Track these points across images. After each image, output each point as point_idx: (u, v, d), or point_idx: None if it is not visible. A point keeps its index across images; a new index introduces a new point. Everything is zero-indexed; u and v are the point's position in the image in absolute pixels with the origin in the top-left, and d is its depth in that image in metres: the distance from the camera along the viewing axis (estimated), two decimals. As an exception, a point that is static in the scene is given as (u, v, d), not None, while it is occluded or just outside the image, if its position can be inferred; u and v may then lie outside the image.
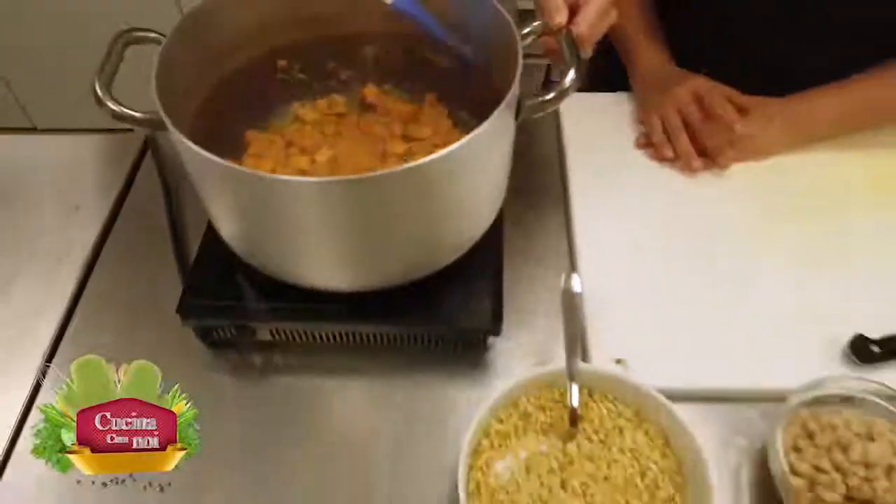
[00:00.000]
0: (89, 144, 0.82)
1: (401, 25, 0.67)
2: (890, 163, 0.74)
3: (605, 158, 0.75)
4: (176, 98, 0.53)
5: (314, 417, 0.59)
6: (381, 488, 0.54)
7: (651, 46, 0.80)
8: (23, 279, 0.68)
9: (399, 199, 0.49)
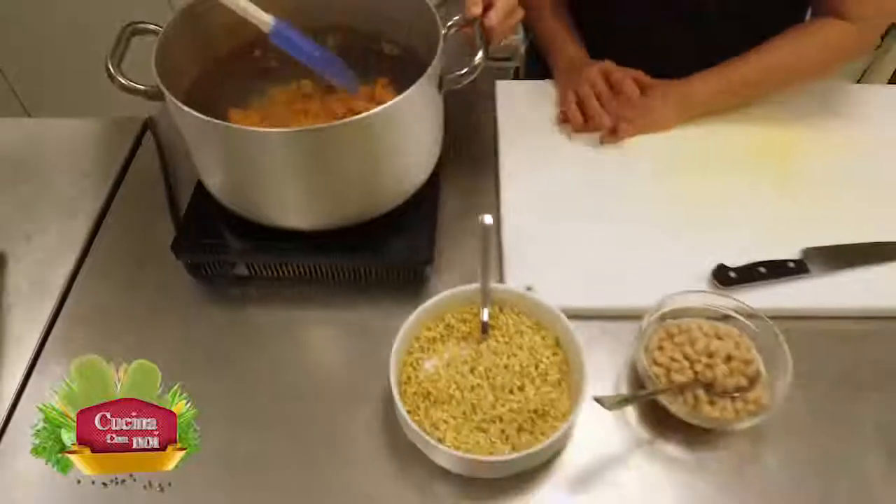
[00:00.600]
0: (94, 126, 0.97)
1: (358, 21, 0.83)
2: (761, 131, 0.89)
3: (531, 132, 0.90)
4: (171, 78, 0.67)
5: (282, 334, 0.73)
6: (339, 381, 0.69)
7: (568, 45, 0.95)
8: (40, 235, 0.82)
9: (343, 149, 0.64)
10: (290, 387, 0.69)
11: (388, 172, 0.70)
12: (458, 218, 0.82)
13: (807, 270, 0.73)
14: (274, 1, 0.79)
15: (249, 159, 0.64)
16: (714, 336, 0.66)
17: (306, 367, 0.71)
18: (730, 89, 0.88)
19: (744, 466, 0.63)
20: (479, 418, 0.61)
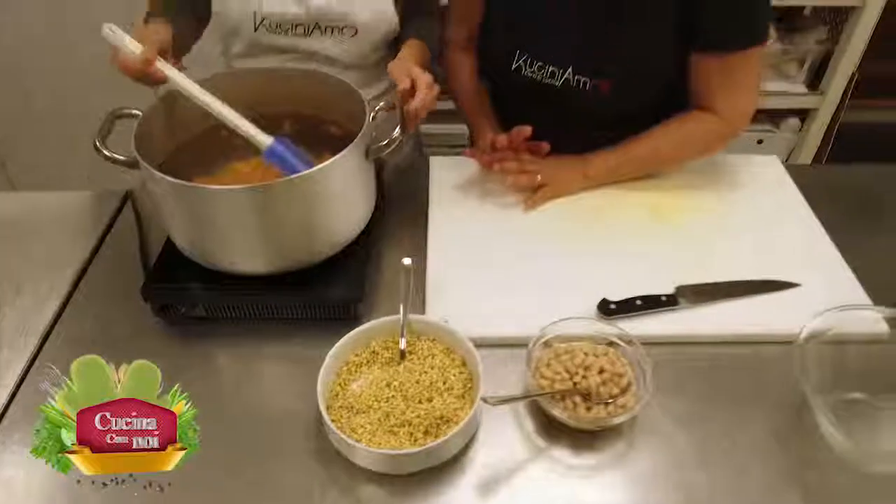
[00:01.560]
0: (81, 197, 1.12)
1: (308, 109, 1.00)
2: (646, 193, 1.07)
3: (456, 195, 1.07)
4: (147, 152, 0.83)
5: (235, 363, 0.85)
6: (281, 401, 0.80)
7: (488, 127, 1.13)
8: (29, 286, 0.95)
9: (283, 205, 0.79)
10: (241, 407, 0.80)
11: (324, 224, 0.85)
12: (392, 262, 0.96)
13: (676, 303, 0.87)
14: (238, 94, 0.97)
15: (206, 214, 0.79)
16: (592, 354, 0.79)
17: (254, 391, 0.83)
18: (623, 167, 1.07)
19: (618, 464, 0.74)
20: (391, 423, 0.73)
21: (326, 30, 1.08)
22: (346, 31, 1.08)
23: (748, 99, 1.02)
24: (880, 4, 2.00)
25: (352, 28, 1.08)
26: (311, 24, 1.07)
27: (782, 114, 2.31)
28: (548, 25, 1.02)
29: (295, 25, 1.07)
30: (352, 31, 1.08)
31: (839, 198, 1.09)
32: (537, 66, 1.04)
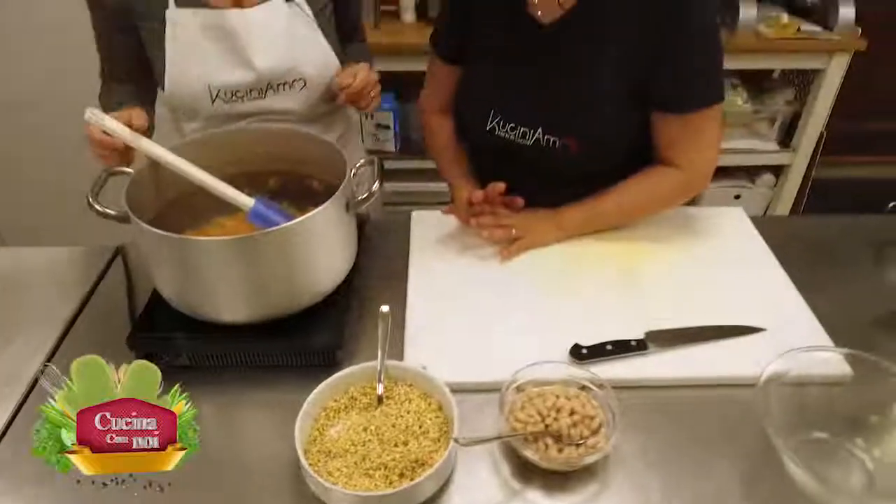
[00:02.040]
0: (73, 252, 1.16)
1: (292, 166, 1.05)
2: (617, 244, 1.11)
3: (435, 247, 1.11)
4: (137, 209, 0.87)
5: (219, 410, 0.87)
6: (261, 446, 0.82)
7: (464, 184, 1.18)
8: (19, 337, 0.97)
9: (265, 255, 0.82)
10: (222, 452, 0.81)
11: (306, 275, 0.88)
12: (372, 310, 0.98)
13: (646, 348, 0.90)
14: (223, 154, 1.03)
15: (192, 264, 0.82)
16: (564, 397, 0.81)
17: (236, 436, 0.84)
18: (594, 220, 1.12)
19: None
20: (367, 466, 0.75)
21: (278, 87, 1.13)
22: (296, 85, 1.13)
23: (708, 154, 1.08)
24: (843, 67, 2.11)
25: (301, 81, 1.13)
26: (263, 86, 1.12)
27: (757, 170, 2.40)
28: (518, 90, 1.09)
29: (249, 90, 1.12)
30: (301, 84, 1.14)
31: (801, 247, 1.14)
32: (510, 126, 1.10)
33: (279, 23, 1.08)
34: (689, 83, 1.02)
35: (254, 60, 1.08)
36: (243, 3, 1.07)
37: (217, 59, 1.07)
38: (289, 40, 1.09)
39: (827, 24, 2.07)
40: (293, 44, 1.10)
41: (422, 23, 2.14)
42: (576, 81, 1.04)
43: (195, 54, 1.06)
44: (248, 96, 1.11)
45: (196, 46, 1.06)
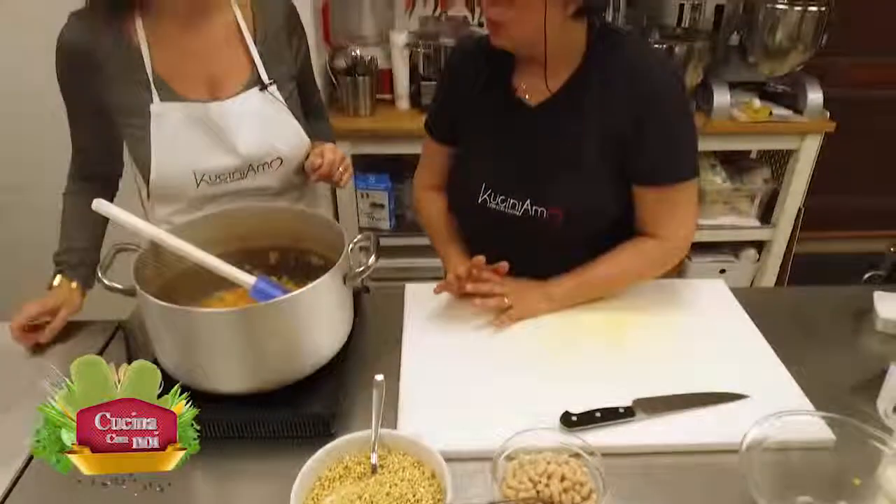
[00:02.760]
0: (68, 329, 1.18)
1: (291, 242, 1.10)
2: (605, 314, 1.15)
3: (429, 318, 1.15)
4: (143, 283, 0.91)
5: (216, 480, 0.88)
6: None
7: (455, 254, 1.24)
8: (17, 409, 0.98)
9: (263, 327, 0.86)
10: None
11: (303, 346, 0.92)
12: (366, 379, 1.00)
13: (634, 415, 0.93)
14: (227, 231, 1.08)
15: (194, 336, 0.86)
16: (555, 464, 0.83)
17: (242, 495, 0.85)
18: (582, 290, 1.17)
19: (583, 572, 0.76)
20: (361, 534, 0.76)
21: (258, 167, 1.19)
22: (273, 164, 1.20)
23: (685, 226, 1.15)
24: (815, 147, 2.23)
25: (278, 160, 1.20)
26: (244, 168, 1.18)
27: (741, 245, 2.48)
28: (508, 165, 1.16)
29: (232, 173, 1.18)
30: (278, 163, 1.20)
31: (781, 316, 1.18)
32: (500, 199, 1.16)
33: (256, 111, 1.16)
34: (665, 160, 1.09)
35: (237, 146, 1.15)
36: (219, 95, 1.15)
37: (202, 147, 1.14)
38: (266, 125, 1.17)
39: (797, 108, 2.20)
40: (270, 128, 1.17)
41: (415, 110, 2.26)
42: (561, 156, 1.12)
43: (180, 143, 1.13)
44: (231, 178, 1.17)
45: (180, 136, 1.13)
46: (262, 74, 1.17)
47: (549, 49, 1.04)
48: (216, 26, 1.16)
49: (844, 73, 2.48)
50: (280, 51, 1.21)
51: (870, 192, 2.82)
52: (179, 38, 1.13)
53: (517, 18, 1.01)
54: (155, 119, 1.11)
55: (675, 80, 1.10)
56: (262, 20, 1.19)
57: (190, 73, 1.14)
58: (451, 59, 1.28)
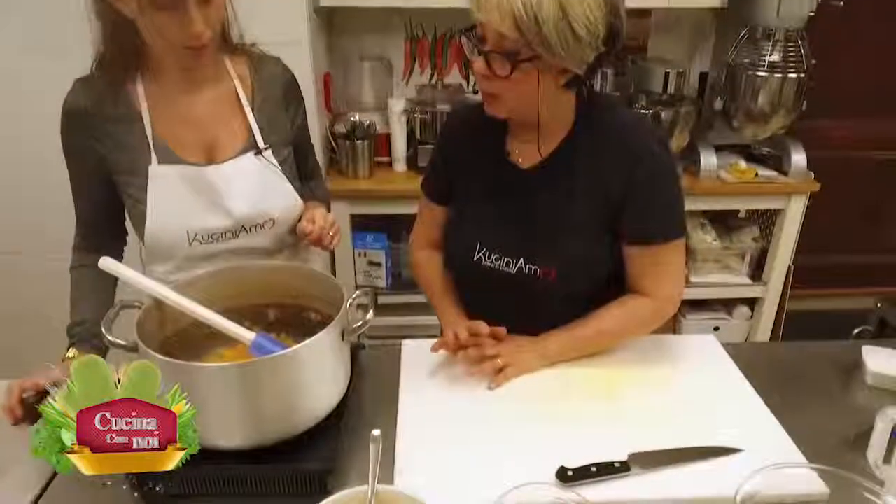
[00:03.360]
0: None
1: (290, 299, 1.12)
2: (599, 370, 1.17)
3: (425, 374, 1.16)
4: (145, 339, 0.93)
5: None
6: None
7: (452, 313, 1.26)
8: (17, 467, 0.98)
9: (261, 381, 0.87)
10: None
11: (302, 402, 0.93)
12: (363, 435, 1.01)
13: (629, 469, 0.94)
14: (227, 289, 1.10)
15: (194, 389, 0.86)
16: (551, 519, 0.83)
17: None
18: (576, 346, 1.19)
19: None
20: (358, 590, 0.75)
21: (251, 228, 1.23)
22: (266, 225, 1.23)
23: (674, 284, 1.18)
24: (801, 207, 2.29)
25: (270, 221, 1.23)
26: (237, 229, 1.21)
27: (733, 303, 2.51)
28: (502, 225, 1.20)
29: (224, 233, 1.21)
30: (270, 224, 1.24)
31: (772, 371, 1.20)
32: (494, 257, 1.20)
33: (251, 174, 1.20)
34: (653, 220, 1.14)
35: (230, 208, 1.18)
36: (216, 159, 1.19)
37: (196, 208, 1.18)
38: (260, 188, 1.21)
39: (782, 169, 2.28)
40: (264, 191, 1.21)
41: (412, 172, 2.32)
42: (553, 217, 1.16)
43: (175, 204, 1.17)
44: (223, 238, 1.20)
45: (176, 197, 1.17)
46: (258, 140, 1.22)
47: (541, 116, 1.10)
48: (215, 93, 1.21)
49: (825, 135, 2.57)
50: (277, 117, 1.26)
51: (856, 249, 2.88)
52: (179, 103, 1.18)
53: (511, 90, 1.06)
54: (152, 180, 1.15)
55: (659, 144, 1.15)
56: (259, 89, 1.25)
57: (188, 137, 1.19)
58: (447, 124, 1.35)
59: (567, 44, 0.98)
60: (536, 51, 0.99)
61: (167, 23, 1.03)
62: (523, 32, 0.97)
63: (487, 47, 1.03)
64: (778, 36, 2.08)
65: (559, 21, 0.95)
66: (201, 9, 1.03)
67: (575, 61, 1.01)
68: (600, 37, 1.00)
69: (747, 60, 2.15)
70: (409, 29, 2.33)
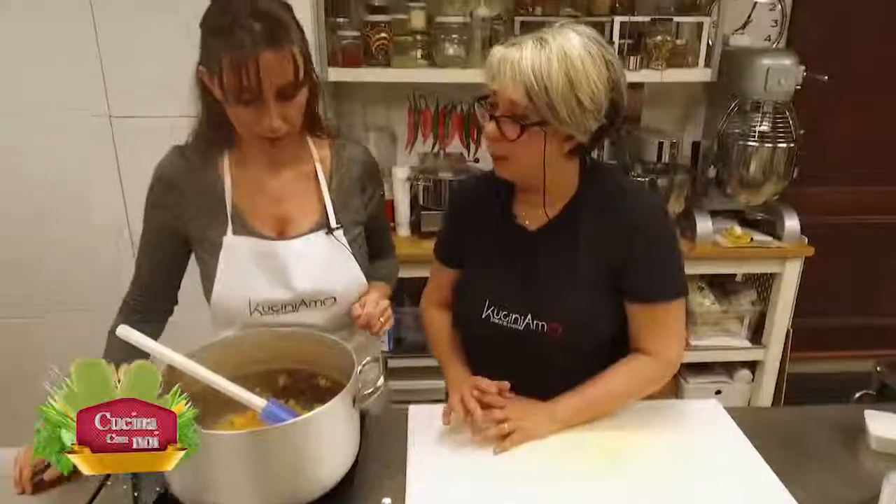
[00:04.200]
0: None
1: (300, 365, 1.15)
2: (605, 434, 1.18)
3: (433, 439, 1.17)
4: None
5: None
6: None
7: (458, 368, 1.29)
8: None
9: (276, 450, 0.89)
10: None
11: (312, 469, 0.94)
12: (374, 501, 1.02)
13: (638, 537, 0.94)
14: (238, 355, 1.13)
15: (206, 457, 0.88)
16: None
17: None
18: (585, 408, 1.21)
19: None
20: None
21: (311, 304, 1.24)
22: (327, 302, 1.25)
23: (676, 342, 1.22)
24: (797, 270, 2.33)
25: (331, 299, 1.25)
26: (297, 303, 1.23)
27: (734, 366, 2.52)
28: (509, 283, 1.24)
29: (284, 306, 1.23)
30: (332, 301, 1.25)
31: (776, 436, 1.21)
32: (503, 314, 1.23)
33: (319, 252, 1.24)
34: (654, 279, 1.18)
35: (294, 283, 1.21)
36: (287, 233, 1.24)
37: (261, 279, 1.21)
38: (325, 266, 1.24)
39: (776, 234, 2.33)
40: (329, 269, 1.24)
41: (415, 237, 2.37)
42: (560, 275, 1.20)
43: (242, 273, 1.20)
44: (283, 310, 1.22)
45: (243, 267, 1.20)
46: (331, 219, 1.25)
47: (547, 180, 1.16)
48: (295, 171, 1.26)
49: (817, 201, 2.64)
50: (352, 198, 1.30)
51: (853, 311, 2.91)
52: (260, 178, 1.24)
53: (519, 152, 1.13)
54: (225, 249, 1.20)
55: (657, 207, 1.21)
56: (338, 169, 1.29)
57: (264, 211, 1.23)
58: (456, 193, 1.42)
59: (573, 112, 1.06)
60: (544, 117, 1.07)
61: (246, 115, 1.09)
62: (533, 99, 1.05)
63: (499, 112, 1.11)
64: (766, 108, 2.18)
65: (567, 92, 1.04)
66: (280, 106, 1.09)
67: (580, 129, 1.09)
68: (603, 109, 1.09)
69: (738, 130, 2.23)
70: (413, 101, 2.43)
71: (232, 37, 1.02)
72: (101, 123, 2.06)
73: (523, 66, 1.04)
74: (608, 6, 2.22)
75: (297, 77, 1.08)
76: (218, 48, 1.04)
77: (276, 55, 1.04)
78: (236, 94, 1.05)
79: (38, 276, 2.20)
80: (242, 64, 1.02)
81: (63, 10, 1.95)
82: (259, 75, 1.03)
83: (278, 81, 1.06)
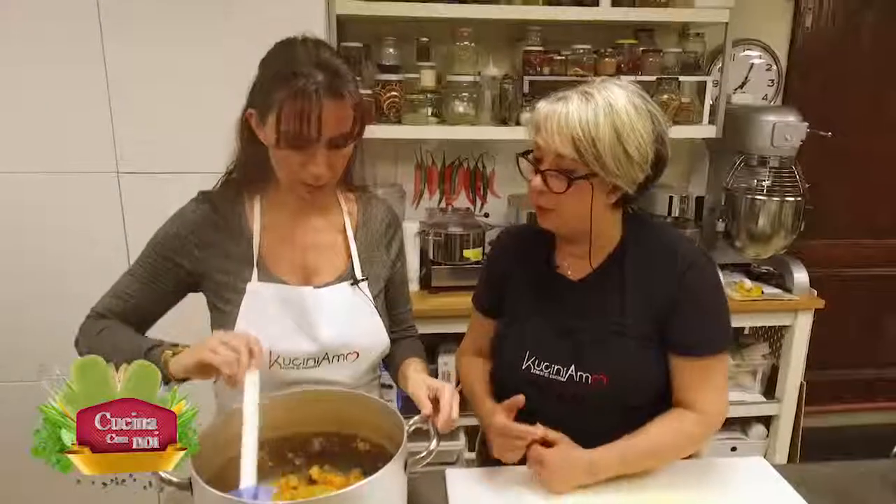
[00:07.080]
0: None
1: (339, 427, 1.09)
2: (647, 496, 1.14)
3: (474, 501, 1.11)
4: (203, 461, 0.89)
5: None
6: None
7: (493, 406, 1.23)
8: None
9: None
10: None
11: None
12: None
13: None
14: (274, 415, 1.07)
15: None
16: None
17: None
18: (624, 461, 1.16)
19: None
20: None
21: (333, 358, 1.20)
22: (349, 357, 1.21)
23: (718, 397, 1.19)
24: (808, 323, 2.33)
25: (354, 353, 1.21)
26: (320, 356, 1.19)
27: (748, 421, 2.48)
28: (551, 334, 1.22)
29: (307, 359, 1.18)
30: (354, 356, 1.21)
31: (824, 492, 1.17)
32: (544, 365, 1.21)
33: (344, 302, 1.21)
34: (700, 332, 1.16)
35: (318, 333, 1.17)
36: (313, 283, 1.20)
37: (284, 329, 1.16)
38: (350, 318, 1.20)
39: (785, 287, 2.34)
40: (353, 321, 1.21)
41: (424, 291, 2.34)
42: (604, 326, 1.18)
43: (265, 322, 1.15)
44: (305, 365, 1.17)
45: (267, 315, 1.16)
46: (357, 270, 1.23)
47: (592, 230, 1.15)
48: (324, 221, 1.25)
49: (825, 254, 2.67)
50: (377, 252, 1.28)
51: (867, 363, 2.90)
52: (288, 226, 1.22)
53: (565, 204, 1.12)
54: (248, 296, 1.16)
55: (704, 258, 1.20)
56: (364, 223, 1.28)
57: (290, 259, 1.21)
58: (496, 244, 1.41)
59: (620, 164, 1.07)
60: (592, 169, 1.07)
61: (294, 159, 1.08)
62: (581, 152, 1.06)
63: (545, 166, 1.11)
64: (772, 163, 2.22)
65: (614, 144, 1.06)
66: (329, 154, 1.08)
67: (627, 180, 1.10)
68: (649, 160, 1.10)
69: (745, 185, 2.27)
70: (420, 157, 2.45)
71: (296, 82, 1.02)
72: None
73: (571, 119, 1.05)
74: (614, 66, 2.27)
75: (353, 129, 1.08)
76: (279, 92, 1.03)
77: (337, 105, 1.04)
78: (292, 139, 1.05)
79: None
80: (305, 109, 1.02)
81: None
82: (320, 122, 1.03)
83: (334, 131, 1.06)
